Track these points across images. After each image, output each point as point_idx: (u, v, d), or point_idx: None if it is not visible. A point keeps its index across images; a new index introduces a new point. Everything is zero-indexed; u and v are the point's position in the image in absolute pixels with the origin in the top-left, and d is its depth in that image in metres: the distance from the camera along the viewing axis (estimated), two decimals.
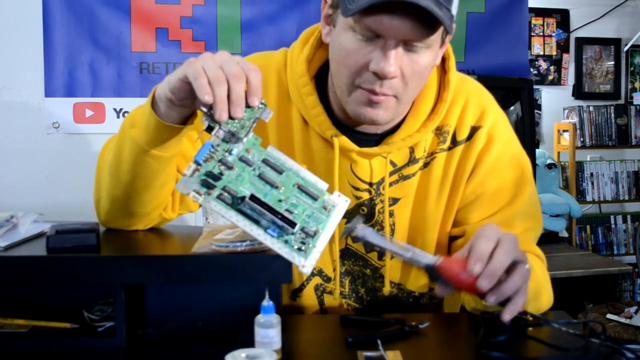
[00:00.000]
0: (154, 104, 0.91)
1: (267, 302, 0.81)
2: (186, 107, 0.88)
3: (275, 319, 0.81)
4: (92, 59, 2.57)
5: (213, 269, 0.88)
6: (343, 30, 0.94)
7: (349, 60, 0.94)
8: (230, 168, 0.78)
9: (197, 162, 0.77)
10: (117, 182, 1.00)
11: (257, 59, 1.10)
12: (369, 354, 0.83)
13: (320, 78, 1.06)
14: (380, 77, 0.92)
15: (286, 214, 0.78)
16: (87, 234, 0.90)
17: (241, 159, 0.79)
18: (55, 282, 0.93)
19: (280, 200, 0.79)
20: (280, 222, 0.77)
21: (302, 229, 0.79)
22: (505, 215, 1.07)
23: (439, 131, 1.07)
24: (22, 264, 0.88)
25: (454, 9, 0.91)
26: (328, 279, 1.10)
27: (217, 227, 1.02)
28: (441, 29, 0.92)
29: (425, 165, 1.07)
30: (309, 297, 1.11)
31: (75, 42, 2.54)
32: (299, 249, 0.79)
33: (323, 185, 0.81)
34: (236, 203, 0.77)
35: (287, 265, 0.85)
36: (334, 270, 1.09)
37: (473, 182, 1.07)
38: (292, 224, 0.78)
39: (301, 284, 1.10)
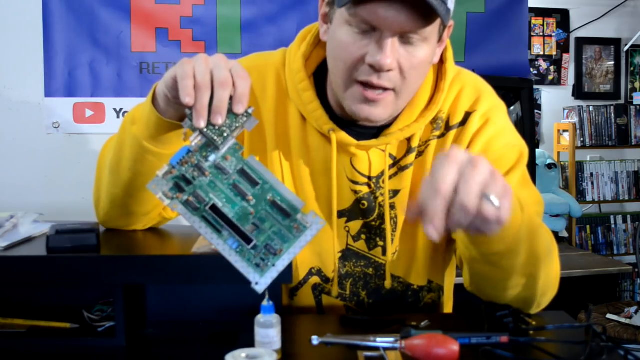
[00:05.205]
0: (154, 100, 0.91)
1: (267, 302, 0.81)
2: (181, 105, 0.89)
3: (275, 319, 0.81)
4: (92, 59, 2.57)
5: (213, 269, 0.88)
6: (339, 25, 0.94)
7: (344, 54, 0.94)
8: (204, 174, 0.77)
9: (171, 165, 0.76)
10: (117, 180, 1.00)
11: (256, 58, 1.11)
12: (369, 354, 0.83)
13: (319, 77, 1.06)
14: (377, 69, 0.92)
15: (249, 229, 0.76)
16: (87, 234, 0.90)
17: (217, 167, 0.77)
18: (55, 282, 0.93)
19: (248, 213, 0.77)
20: (237, 237, 0.75)
21: (265, 246, 0.76)
22: None
23: (434, 119, 1.07)
24: (22, 264, 0.88)
25: (451, 3, 0.91)
26: (327, 280, 1.09)
27: None
28: (438, 22, 0.92)
29: (420, 154, 1.07)
30: (306, 297, 1.10)
31: (75, 42, 2.55)
32: (257, 265, 0.76)
33: (299, 204, 0.77)
34: (202, 210, 0.76)
35: (287, 265, 0.84)
36: (333, 271, 1.09)
37: None
38: (249, 241, 0.75)
39: (298, 282, 1.10)
